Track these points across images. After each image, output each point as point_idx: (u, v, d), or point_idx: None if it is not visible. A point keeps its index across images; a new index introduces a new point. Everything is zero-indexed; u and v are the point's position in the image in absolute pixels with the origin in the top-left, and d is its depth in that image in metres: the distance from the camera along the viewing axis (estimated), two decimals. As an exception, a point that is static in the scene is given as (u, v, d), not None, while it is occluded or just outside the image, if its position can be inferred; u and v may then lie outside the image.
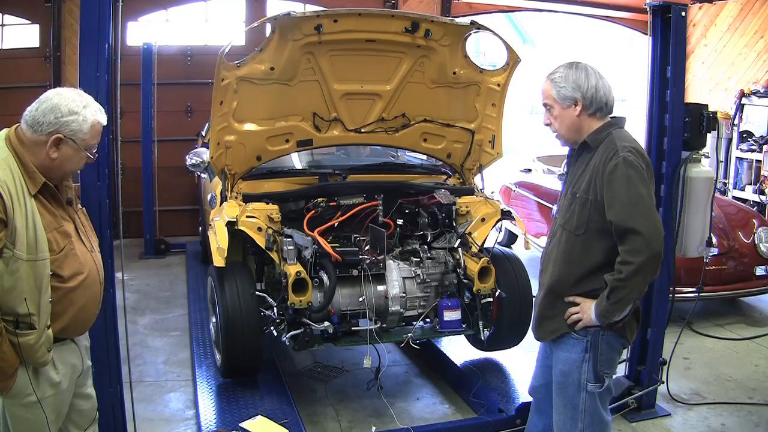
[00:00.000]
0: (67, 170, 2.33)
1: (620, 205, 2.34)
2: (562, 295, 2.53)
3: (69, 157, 2.25)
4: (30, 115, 2.20)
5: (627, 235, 2.33)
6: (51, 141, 2.19)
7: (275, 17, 3.70)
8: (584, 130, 2.50)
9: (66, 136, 2.20)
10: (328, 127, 4.25)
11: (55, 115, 2.18)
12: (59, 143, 2.20)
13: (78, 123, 2.21)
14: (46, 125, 2.18)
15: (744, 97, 7.93)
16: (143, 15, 8.01)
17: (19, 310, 2.11)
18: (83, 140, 2.24)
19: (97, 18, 2.63)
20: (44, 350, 2.20)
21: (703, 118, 3.57)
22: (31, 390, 2.21)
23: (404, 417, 3.73)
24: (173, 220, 7.79)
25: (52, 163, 2.22)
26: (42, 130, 2.18)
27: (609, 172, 2.37)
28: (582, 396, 2.53)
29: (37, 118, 2.18)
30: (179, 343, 4.81)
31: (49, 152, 2.20)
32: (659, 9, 3.51)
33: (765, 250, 5.40)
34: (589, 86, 2.43)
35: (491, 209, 4.25)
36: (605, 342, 2.51)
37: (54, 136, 2.19)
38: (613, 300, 2.38)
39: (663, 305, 3.75)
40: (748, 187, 7.77)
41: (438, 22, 3.96)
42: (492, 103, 4.34)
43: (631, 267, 2.32)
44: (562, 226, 2.55)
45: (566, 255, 2.52)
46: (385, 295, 3.77)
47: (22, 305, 2.12)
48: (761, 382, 4.27)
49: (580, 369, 2.52)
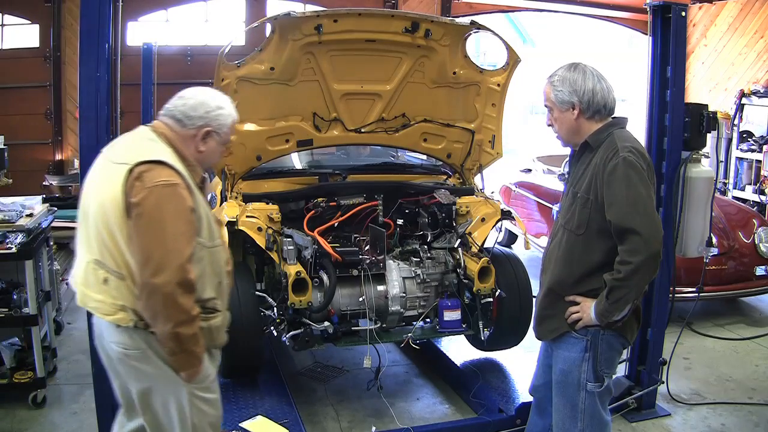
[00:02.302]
0: (210, 163, 2.48)
1: (619, 205, 2.34)
2: (563, 295, 2.54)
3: (213, 150, 2.38)
4: (179, 109, 2.31)
5: (626, 234, 2.32)
6: (201, 134, 2.32)
7: (275, 17, 3.70)
8: (583, 132, 2.50)
9: (214, 129, 2.34)
10: (328, 127, 4.25)
11: (205, 109, 2.32)
12: (207, 136, 2.33)
13: (224, 117, 2.36)
14: (197, 119, 2.30)
15: (744, 97, 7.93)
16: (143, 15, 8.02)
17: (205, 296, 2.28)
18: (225, 134, 2.39)
19: (97, 18, 2.63)
20: (224, 331, 2.42)
21: (703, 118, 3.57)
22: (212, 371, 2.39)
23: (404, 417, 3.73)
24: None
25: (200, 156, 2.35)
26: (193, 124, 2.31)
27: (609, 172, 2.37)
28: (582, 395, 2.54)
29: (187, 113, 2.31)
30: (179, 343, 4.80)
31: (198, 145, 2.33)
32: (659, 9, 3.51)
33: (765, 250, 5.39)
34: (585, 90, 2.42)
35: (491, 209, 4.25)
36: (605, 341, 2.51)
37: (204, 129, 2.32)
38: (612, 300, 2.38)
39: (663, 305, 3.75)
40: (748, 187, 7.77)
41: (438, 22, 3.96)
42: (492, 103, 4.34)
43: (629, 267, 2.31)
44: (563, 226, 2.56)
45: (567, 255, 2.52)
46: (385, 295, 3.77)
47: (207, 290, 2.29)
48: (761, 382, 4.27)
49: (580, 368, 2.53)
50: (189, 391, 2.30)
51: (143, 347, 2.24)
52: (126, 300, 2.19)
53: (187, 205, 2.18)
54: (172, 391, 2.30)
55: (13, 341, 3.92)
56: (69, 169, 7.63)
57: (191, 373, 2.26)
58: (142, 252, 2.12)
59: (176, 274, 2.10)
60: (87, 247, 2.30)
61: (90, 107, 2.67)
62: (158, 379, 2.28)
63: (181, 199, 2.17)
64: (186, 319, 2.15)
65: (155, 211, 2.12)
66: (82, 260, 2.32)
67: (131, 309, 2.19)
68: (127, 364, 2.29)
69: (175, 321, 2.13)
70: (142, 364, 2.26)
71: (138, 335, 2.23)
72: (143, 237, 2.13)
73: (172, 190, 2.16)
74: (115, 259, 2.19)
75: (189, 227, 2.19)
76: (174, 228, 2.13)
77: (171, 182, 2.17)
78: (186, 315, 2.15)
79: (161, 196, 2.14)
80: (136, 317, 2.19)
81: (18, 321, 3.71)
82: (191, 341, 2.19)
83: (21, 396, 3.73)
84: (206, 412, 2.38)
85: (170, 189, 2.16)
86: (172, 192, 2.16)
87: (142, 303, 2.15)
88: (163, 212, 2.13)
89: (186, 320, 2.15)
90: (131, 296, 2.18)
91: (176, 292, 2.10)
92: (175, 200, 2.16)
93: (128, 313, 2.20)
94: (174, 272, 2.09)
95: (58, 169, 7.69)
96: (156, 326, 2.16)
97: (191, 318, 2.17)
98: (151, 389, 2.31)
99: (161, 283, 2.08)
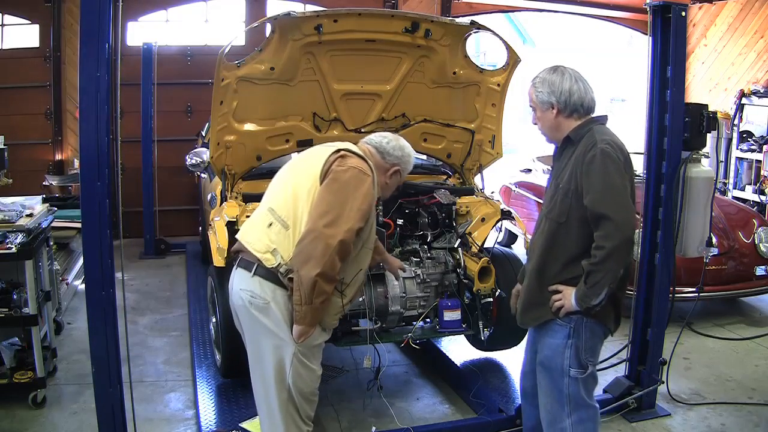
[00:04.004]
0: (386, 195, 3.01)
1: (595, 192, 2.47)
2: (547, 283, 2.63)
3: (393, 185, 2.92)
4: (381, 145, 2.85)
5: (600, 220, 2.45)
6: (392, 170, 2.87)
7: (275, 17, 3.70)
8: (563, 130, 2.65)
9: (401, 169, 2.89)
10: (328, 127, 4.25)
11: (402, 152, 2.88)
12: (395, 173, 2.88)
13: (410, 164, 2.93)
14: (393, 158, 2.85)
15: (744, 97, 7.93)
16: (143, 15, 8.01)
17: (346, 279, 2.68)
18: (404, 176, 2.94)
19: (97, 18, 2.62)
20: (338, 317, 2.76)
21: (703, 118, 3.57)
22: (318, 342, 2.69)
23: (404, 417, 3.73)
24: (173, 220, 7.78)
25: (384, 185, 2.87)
26: (388, 160, 2.85)
27: (587, 162, 2.50)
28: (566, 381, 2.65)
29: (388, 150, 2.85)
30: (179, 343, 4.81)
31: (386, 177, 2.86)
32: (659, 9, 3.51)
33: (765, 250, 5.40)
34: (562, 90, 2.58)
35: (491, 209, 4.25)
36: (588, 329, 2.61)
37: (395, 167, 2.87)
38: (589, 284, 2.49)
39: (663, 305, 3.76)
40: (748, 187, 7.77)
41: (438, 22, 3.96)
42: (492, 103, 4.34)
43: (603, 251, 2.44)
44: (545, 215, 2.69)
45: (549, 243, 2.63)
46: (385, 295, 3.77)
47: (348, 276, 2.68)
48: (761, 382, 4.27)
49: (563, 355, 2.63)
50: (294, 351, 2.60)
51: (268, 299, 2.59)
52: (279, 245, 2.58)
53: (372, 195, 2.63)
54: (280, 345, 2.61)
55: (13, 341, 3.92)
56: (69, 169, 7.62)
57: (302, 331, 2.56)
58: (323, 206, 2.52)
59: (343, 233, 2.47)
60: (268, 200, 2.74)
61: (90, 107, 2.66)
62: (271, 333, 2.60)
63: (369, 188, 2.61)
64: (330, 273, 2.48)
65: (348, 183, 2.56)
66: (260, 208, 2.77)
67: (280, 254, 2.57)
68: (248, 313, 2.63)
69: (321, 269, 2.44)
70: (262, 315, 2.60)
71: (267, 287, 2.59)
72: (330, 196, 2.54)
73: (366, 178, 2.61)
74: (288, 211, 2.61)
75: (366, 211, 2.58)
76: (356, 202, 2.54)
77: (367, 173, 2.63)
78: (332, 270, 2.48)
79: (356, 177, 2.59)
80: (282, 261, 2.56)
81: (18, 321, 3.71)
82: (321, 296, 2.49)
83: (21, 396, 3.73)
84: (303, 377, 2.66)
85: (365, 176, 2.61)
86: (365, 179, 2.60)
87: (302, 245, 2.49)
88: (353, 187, 2.56)
89: (329, 275, 2.48)
90: (286, 243, 2.57)
91: (336, 248, 2.45)
92: (365, 186, 2.59)
93: (275, 257, 2.58)
94: (342, 231, 2.47)
95: (58, 169, 7.68)
96: (302, 269, 2.47)
97: (332, 276, 2.51)
98: (262, 340, 2.64)
99: (330, 233, 2.46)
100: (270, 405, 2.69)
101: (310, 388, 2.72)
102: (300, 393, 2.68)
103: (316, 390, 2.77)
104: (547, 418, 2.74)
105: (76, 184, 7.03)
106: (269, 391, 2.67)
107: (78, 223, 4.70)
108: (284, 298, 2.61)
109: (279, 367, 2.63)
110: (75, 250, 5.69)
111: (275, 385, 2.64)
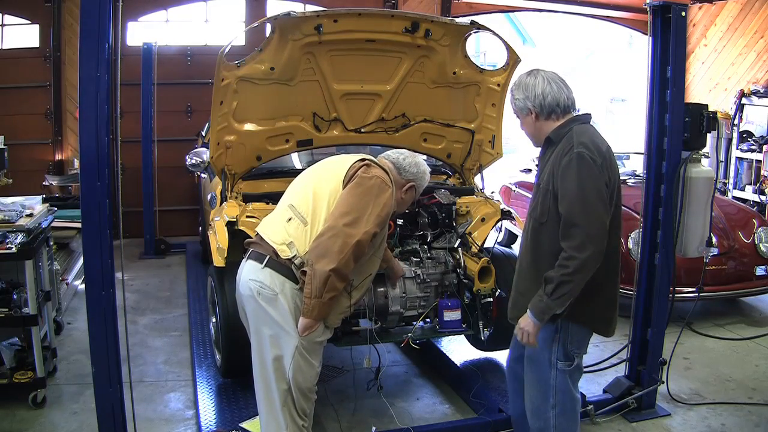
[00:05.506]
0: (401, 210, 3.10)
1: (569, 199, 2.49)
2: (535, 280, 2.64)
3: (406, 201, 3.01)
4: (398, 161, 2.95)
5: (572, 229, 2.47)
6: (408, 186, 2.96)
7: (275, 17, 3.70)
8: (545, 132, 2.68)
9: (416, 186, 2.98)
10: (328, 127, 4.24)
11: (418, 169, 2.97)
12: (410, 189, 2.97)
13: (425, 180, 3.02)
14: (409, 174, 2.95)
15: (744, 97, 7.93)
16: (143, 15, 8.01)
17: (354, 282, 2.76)
18: (419, 193, 3.03)
19: (97, 18, 2.62)
20: (341, 317, 2.84)
21: (703, 118, 3.57)
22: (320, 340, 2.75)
23: (404, 417, 3.73)
24: (173, 220, 7.79)
25: (399, 200, 2.94)
26: (404, 176, 2.95)
27: (563, 167, 2.52)
28: (552, 373, 2.69)
29: (404, 166, 2.94)
30: (179, 343, 4.81)
31: (401, 192, 2.94)
32: (659, 9, 3.51)
33: (765, 250, 5.40)
34: (536, 95, 2.61)
35: (491, 209, 4.25)
36: (575, 325, 2.65)
37: (411, 183, 2.96)
38: (558, 294, 2.49)
39: (663, 305, 3.76)
40: (748, 187, 7.77)
41: (438, 22, 3.96)
42: (492, 103, 4.34)
43: (576, 261, 2.45)
44: (530, 214, 2.74)
45: (533, 242, 2.68)
46: (385, 295, 3.77)
47: (357, 279, 2.76)
48: (761, 382, 4.28)
49: (551, 348, 2.67)
50: (297, 344, 2.66)
51: (277, 291, 2.66)
52: (297, 239, 2.68)
53: (390, 206, 2.74)
54: (284, 337, 2.67)
55: (13, 341, 3.92)
56: (69, 169, 7.62)
57: (308, 324, 2.62)
58: (346, 207, 2.62)
59: (362, 234, 2.57)
60: (289, 197, 2.85)
61: (90, 107, 2.66)
62: (276, 324, 2.66)
63: (389, 199, 2.71)
64: (344, 271, 2.56)
65: (371, 189, 2.67)
66: (280, 205, 2.89)
67: (296, 248, 2.66)
68: (255, 303, 2.69)
69: (336, 265, 2.52)
70: (269, 306, 2.67)
71: (277, 278, 2.67)
72: (353, 198, 2.64)
73: (387, 188, 2.72)
74: (307, 208, 2.72)
75: (383, 218, 2.69)
76: (377, 209, 2.64)
77: (388, 184, 2.74)
78: (346, 268, 2.56)
79: (379, 185, 2.69)
80: (297, 254, 2.65)
81: (18, 321, 3.71)
82: (331, 292, 2.57)
83: (21, 396, 3.74)
84: (304, 372, 2.71)
85: (386, 187, 2.72)
86: (387, 189, 2.71)
87: (321, 240, 2.58)
88: (375, 194, 2.66)
89: (342, 272, 2.56)
90: (303, 238, 2.67)
91: (353, 247, 2.54)
92: (385, 195, 2.70)
93: (291, 249, 2.67)
94: (361, 232, 2.57)
95: (58, 169, 7.68)
96: (318, 263, 2.54)
97: (345, 274, 2.59)
98: (265, 331, 2.69)
99: (349, 232, 2.55)
100: (270, 397, 2.74)
101: (309, 384, 2.77)
102: (298, 387, 2.73)
103: (315, 387, 2.82)
104: (531, 408, 2.79)
105: (76, 184, 7.03)
106: (270, 382, 2.73)
107: (78, 223, 4.70)
108: (292, 291, 2.68)
109: (280, 359, 2.69)
110: (75, 250, 5.69)
111: (275, 374, 2.70)
